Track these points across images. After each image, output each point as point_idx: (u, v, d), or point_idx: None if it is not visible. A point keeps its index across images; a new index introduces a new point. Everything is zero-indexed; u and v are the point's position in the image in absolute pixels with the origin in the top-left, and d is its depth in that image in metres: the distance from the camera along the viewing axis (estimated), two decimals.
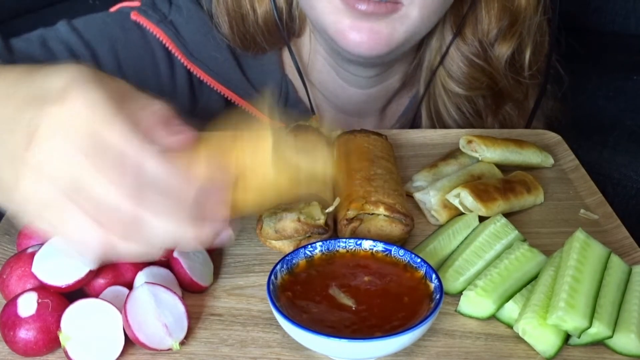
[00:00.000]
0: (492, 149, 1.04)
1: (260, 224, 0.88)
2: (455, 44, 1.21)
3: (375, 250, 0.81)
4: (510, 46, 1.20)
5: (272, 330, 0.78)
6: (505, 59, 1.22)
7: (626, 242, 0.91)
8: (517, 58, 1.24)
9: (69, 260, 0.76)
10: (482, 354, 0.75)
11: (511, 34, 1.20)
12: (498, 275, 0.81)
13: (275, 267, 0.77)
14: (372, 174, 0.94)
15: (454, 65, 1.23)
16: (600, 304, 0.76)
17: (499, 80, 1.23)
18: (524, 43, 1.22)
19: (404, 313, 0.73)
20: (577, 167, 1.09)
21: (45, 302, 0.74)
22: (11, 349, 0.74)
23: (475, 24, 1.20)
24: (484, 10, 1.19)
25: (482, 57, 1.21)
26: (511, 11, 1.18)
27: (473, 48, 1.21)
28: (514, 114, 1.31)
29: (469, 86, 1.24)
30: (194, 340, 0.77)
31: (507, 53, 1.21)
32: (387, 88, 1.30)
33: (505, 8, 1.18)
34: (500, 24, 1.18)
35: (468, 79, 1.23)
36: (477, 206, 0.93)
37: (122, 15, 1.22)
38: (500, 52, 1.21)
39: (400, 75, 1.29)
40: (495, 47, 1.21)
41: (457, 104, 1.26)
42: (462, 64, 1.22)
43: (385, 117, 1.36)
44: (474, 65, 1.22)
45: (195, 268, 0.83)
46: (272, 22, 1.20)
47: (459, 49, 1.22)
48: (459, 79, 1.23)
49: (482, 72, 1.22)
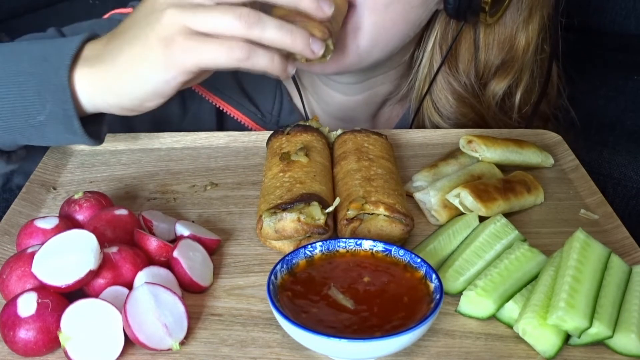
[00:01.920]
0: (492, 149, 1.04)
1: (260, 224, 0.88)
2: (446, 76, 1.19)
3: (375, 250, 0.81)
4: (505, 84, 1.18)
5: (272, 330, 0.78)
6: (497, 100, 1.20)
7: (626, 242, 0.91)
8: (507, 99, 1.22)
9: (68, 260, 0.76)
10: (482, 354, 0.75)
11: (507, 71, 1.18)
12: (498, 275, 0.81)
13: (275, 267, 0.77)
14: (372, 174, 0.94)
15: (442, 98, 1.21)
16: (601, 304, 0.76)
17: (487, 120, 1.21)
18: (517, 82, 1.20)
19: (404, 313, 0.73)
20: (577, 167, 1.09)
21: (45, 302, 0.74)
22: (11, 349, 0.74)
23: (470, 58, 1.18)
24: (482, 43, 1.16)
25: (472, 93, 1.19)
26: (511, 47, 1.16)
27: (464, 86, 1.18)
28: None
29: (454, 122, 1.22)
30: (194, 340, 0.77)
31: (500, 92, 1.19)
32: (375, 95, 1.28)
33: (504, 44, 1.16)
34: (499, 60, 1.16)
35: (455, 113, 1.21)
36: (477, 206, 0.93)
37: (111, 23, 1.21)
38: (494, 90, 1.19)
39: (388, 85, 1.27)
40: (489, 85, 1.19)
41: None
42: (451, 97, 1.20)
43: (377, 125, 1.35)
44: (462, 102, 1.20)
45: (195, 268, 0.83)
46: None
47: (449, 81, 1.19)
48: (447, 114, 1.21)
49: (470, 108, 1.20)
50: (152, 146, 1.15)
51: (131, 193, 1.03)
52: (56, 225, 0.85)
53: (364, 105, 1.29)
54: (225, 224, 0.96)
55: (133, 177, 1.07)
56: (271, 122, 1.28)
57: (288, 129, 1.06)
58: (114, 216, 0.87)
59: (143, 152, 1.14)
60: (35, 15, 2.03)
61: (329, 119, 1.31)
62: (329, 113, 1.31)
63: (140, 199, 1.02)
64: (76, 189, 1.02)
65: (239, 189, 1.04)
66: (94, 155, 1.13)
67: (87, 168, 1.09)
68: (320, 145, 1.03)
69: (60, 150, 1.12)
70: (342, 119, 1.31)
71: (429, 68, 1.20)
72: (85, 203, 0.91)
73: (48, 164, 1.08)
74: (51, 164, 1.09)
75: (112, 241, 0.83)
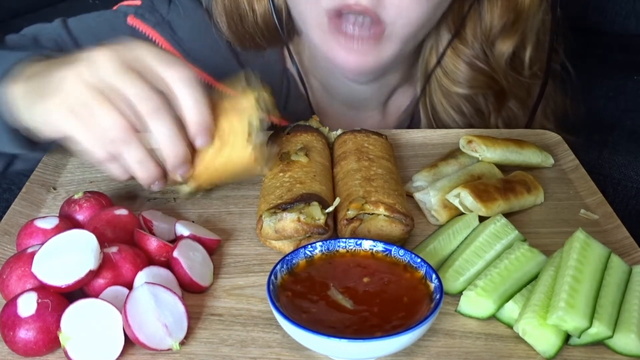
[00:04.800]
0: (492, 149, 1.04)
1: (260, 224, 0.88)
2: (453, 45, 1.21)
3: (375, 250, 0.81)
4: (512, 43, 1.20)
5: (272, 330, 0.78)
6: (506, 58, 1.21)
7: (626, 242, 0.91)
8: (517, 56, 1.23)
9: (68, 260, 0.76)
10: (482, 354, 0.75)
11: (514, 31, 1.19)
12: (498, 275, 0.81)
13: (275, 267, 0.77)
14: (372, 174, 0.94)
15: (452, 66, 1.23)
16: (601, 304, 0.76)
17: (499, 80, 1.23)
18: (526, 41, 1.22)
19: (404, 313, 0.73)
20: (577, 167, 1.09)
21: (45, 302, 0.74)
22: (11, 349, 0.74)
23: (476, 23, 1.20)
24: (486, 7, 1.18)
25: (482, 58, 1.21)
26: (515, 8, 1.18)
27: (473, 50, 1.20)
28: (518, 112, 1.30)
29: (468, 85, 1.23)
30: (194, 340, 0.77)
31: (508, 51, 1.21)
32: (387, 84, 1.30)
33: (509, 4, 1.17)
34: (503, 21, 1.18)
35: (467, 79, 1.23)
36: (477, 206, 0.93)
37: (117, 15, 1.23)
38: (501, 50, 1.20)
39: (400, 72, 1.29)
40: (496, 46, 1.20)
41: (457, 104, 1.26)
42: (461, 65, 1.22)
43: (388, 112, 1.36)
44: (473, 67, 1.22)
45: (195, 268, 0.83)
46: (271, 21, 1.20)
47: (458, 50, 1.21)
48: (458, 78, 1.23)
49: (481, 72, 1.22)
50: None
51: (131, 193, 1.03)
52: (56, 225, 0.85)
53: (376, 93, 1.31)
54: (225, 224, 0.96)
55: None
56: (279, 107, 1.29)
57: (288, 129, 1.06)
58: (114, 216, 0.87)
59: None
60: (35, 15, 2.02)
61: (338, 106, 1.32)
62: (338, 100, 1.32)
63: (140, 199, 1.02)
64: (76, 189, 1.02)
65: (239, 189, 1.04)
66: None
67: (87, 168, 1.09)
68: (320, 145, 1.03)
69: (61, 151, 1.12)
70: (352, 106, 1.33)
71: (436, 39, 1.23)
72: (85, 203, 0.91)
73: (48, 164, 1.08)
74: (51, 164, 1.09)
75: (112, 241, 0.83)
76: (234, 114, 0.87)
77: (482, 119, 1.28)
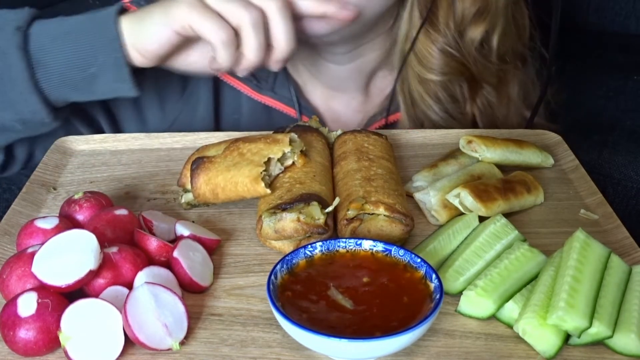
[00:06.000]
0: (492, 149, 1.04)
1: (260, 224, 0.88)
2: (425, 31, 1.23)
3: (375, 250, 0.81)
4: (481, 30, 1.22)
5: (272, 330, 0.78)
6: (476, 44, 1.23)
7: (626, 242, 0.91)
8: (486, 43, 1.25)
9: (68, 260, 0.76)
10: (482, 354, 0.75)
11: (483, 18, 1.21)
12: (498, 275, 0.81)
13: (275, 267, 0.77)
14: (372, 174, 0.94)
15: (425, 52, 1.24)
16: (601, 304, 0.76)
17: (469, 66, 1.24)
18: (494, 27, 1.24)
19: (404, 313, 0.73)
20: (577, 167, 1.09)
21: (45, 302, 0.74)
22: (11, 349, 0.74)
23: (449, 9, 1.21)
24: None
25: (453, 45, 1.23)
26: None
27: (445, 37, 1.22)
28: (493, 99, 1.31)
29: (440, 72, 1.25)
30: (194, 340, 0.77)
31: (478, 37, 1.22)
32: (365, 64, 1.32)
33: None
34: (476, 7, 1.20)
35: (440, 65, 1.25)
36: (477, 206, 0.93)
37: None
38: (471, 36, 1.22)
39: (377, 53, 1.31)
40: (467, 32, 1.22)
41: (433, 91, 1.27)
42: (434, 51, 1.23)
43: (370, 94, 1.38)
44: (445, 53, 1.23)
45: (195, 268, 0.83)
46: None
47: (430, 37, 1.23)
48: (431, 65, 1.25)
49: (453, 58, 1.24)
50: (152, 146, 1.15)
51: (131, 193, 1.03)
52: (56, 225, 0.85)
53: (356, 73, 1.33)
54: (225, 224, 0.96)
55: (133, 177, 1.07)
56: (266, 88, 1.33)
57: (288, 129, 1.06)
58: (114, 216, 0.87)
59: (143, 152, 1.14)
60: None
61: (322, 89, 1.36)
62: (322, 83, 1.35)
63: (140, 199, 1.02)
64: (76, 189, 1.02)
65: None
66: (94, 156, 1.13)
67: (87, 168, 1.09)
68: (320, 145, 1.03)
69: (60, 151, 1.12)
70: (334, 88, 1.35)
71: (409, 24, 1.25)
72: (85, 203, 0.91)
73: (48, 164, 1.08)
74: (51, 164, 1.09)
75: (112, 241, 0.83)
76: (265, 144, 0.94)
77: (458, 106, 1.30)
